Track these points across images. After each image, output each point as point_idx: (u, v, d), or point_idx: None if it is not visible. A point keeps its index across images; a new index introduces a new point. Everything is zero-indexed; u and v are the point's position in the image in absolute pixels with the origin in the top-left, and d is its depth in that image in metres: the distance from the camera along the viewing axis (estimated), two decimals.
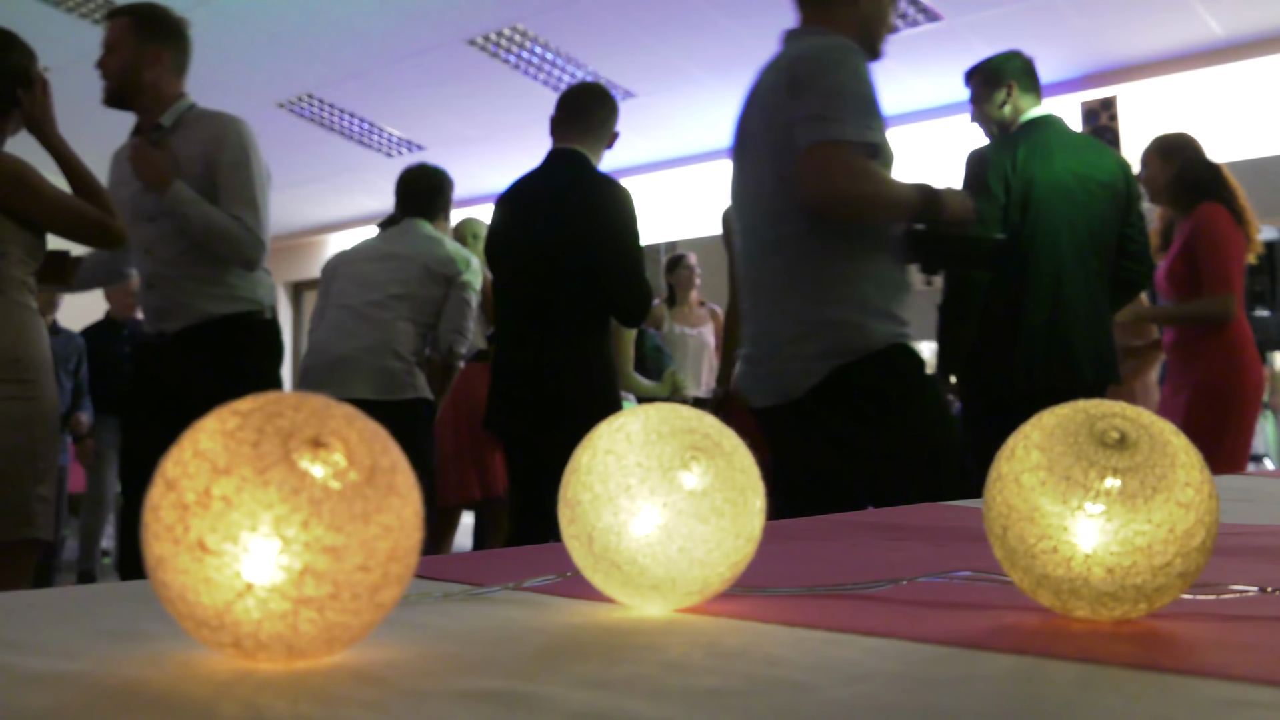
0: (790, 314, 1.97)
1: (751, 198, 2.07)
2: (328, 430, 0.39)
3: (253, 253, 2.46)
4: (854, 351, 1.91)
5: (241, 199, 2.44)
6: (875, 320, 1.93)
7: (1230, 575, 0.61)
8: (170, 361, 2.49)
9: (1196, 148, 3.30)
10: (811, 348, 1.93)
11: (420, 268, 3.16)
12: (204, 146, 2.47)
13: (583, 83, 2.99)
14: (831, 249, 1.95)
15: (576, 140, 2.85)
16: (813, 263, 1.95)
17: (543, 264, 2.74)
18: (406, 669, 0.39)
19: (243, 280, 2.52)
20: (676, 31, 5.56)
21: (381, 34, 5.69)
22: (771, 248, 2.01)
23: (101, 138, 6.94)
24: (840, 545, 0.82)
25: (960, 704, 0.35)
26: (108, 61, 2.53)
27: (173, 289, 2.49)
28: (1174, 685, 0.37)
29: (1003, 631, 0.47)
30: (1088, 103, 5.84)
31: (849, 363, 1.91)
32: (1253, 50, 5.51)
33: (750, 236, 2.09)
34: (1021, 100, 2.84)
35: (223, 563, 0.37)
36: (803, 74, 1.92)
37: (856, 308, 1.92)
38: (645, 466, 0.48)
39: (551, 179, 2.83)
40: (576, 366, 2.71)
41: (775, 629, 0.47)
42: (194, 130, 2.51)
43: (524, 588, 0.59)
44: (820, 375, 1.92)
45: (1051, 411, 0.49)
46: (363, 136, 7.27)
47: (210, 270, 2.48)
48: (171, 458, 0.39)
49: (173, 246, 2.48)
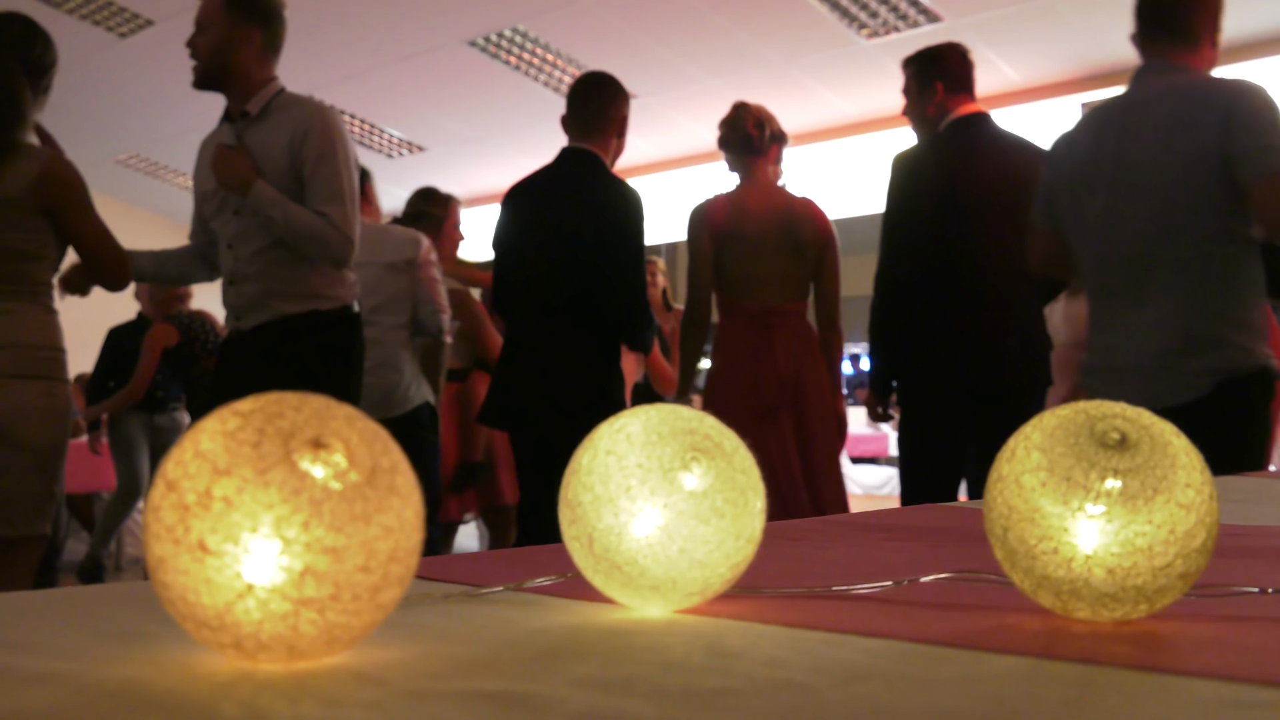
0: (1179, 329, 2.09)
1: (1128, 219, 2.18)
2: (328, 431, 0.39)
3: (340, 251, 2.37)
4: (1237, 370, 2.05)
5: (328, 193, 2.35)
6: (1256, 342, 2.07)
7: (1231, 576, 0.61)
8: (248, 359, 2.44)
9: None
10: (1199, 363, 2.06)
11: (379, 269, 3.11)
12: (290, 137, 2.38)
13: (587, 74, 2.95)
14: (1234, 271, 2.09)
15: (584, 136, 2.82)
16: (1213, 283, 2.08)
17: (550, 265, 2.72)
18: (407, 670, 0.39)
19: (325, 277, 2.45)
20: (677, 33, 5.56)
21: (381, 35, 5.69)
22: (1163, 267, 2.12)
23: (103, 139, 6.92)
24: (841, 546, 0.82)
25: (961, 705, 0.35)
26: (198, 41, 2.42)
27: (251, 285, 2.43)
28: (1175, 686, 0.37)
29: (1003, 632, 0.47)
30: (1088, 104, 5.84)
31: (1229, 380, 2.04)
32: (1253, 51, 5.51)
33: (1120, 254, 2.20)
34: (950, 100, 2.80)
35: (223, 563, 0.37)
36: (1245, 111, 2.05)
37: (1245, 329, 2.07)
38: (646, 467, 0.48)
39: (562, 178, 2.80)
40: (584, 369, 2.70)
41: (776, 630, 0.47)
42: (281, 118, 2.42)
43: (524, 589, 0.59)
44: (1205, 390, 2.04)
45: (1053, 412, 0.49)
46: (363, 138, 7.27)
47: (291, 269, 2.41)
48: (172, 458, 0.39)
49: (254, 242, 2.42)
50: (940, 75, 2.82)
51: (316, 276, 2.44)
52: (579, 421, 2.88)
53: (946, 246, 2.64)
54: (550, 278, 2.72)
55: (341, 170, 2.38)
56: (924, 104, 2.82)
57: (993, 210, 2.64)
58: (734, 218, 2.93)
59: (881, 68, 5.86)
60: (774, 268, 2.90)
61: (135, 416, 5.00)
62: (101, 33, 5.56)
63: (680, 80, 6.19)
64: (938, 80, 2.81)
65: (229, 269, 2.49)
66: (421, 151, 7.43)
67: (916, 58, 2.90)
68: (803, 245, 2.92)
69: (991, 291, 2.63)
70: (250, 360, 2.44)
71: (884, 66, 5.87)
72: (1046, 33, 5.39)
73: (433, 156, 7.46)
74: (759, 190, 2.99)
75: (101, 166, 7.71)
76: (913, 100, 2.88)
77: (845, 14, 5.24)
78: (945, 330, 2.63)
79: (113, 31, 5.66)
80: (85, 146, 7.50)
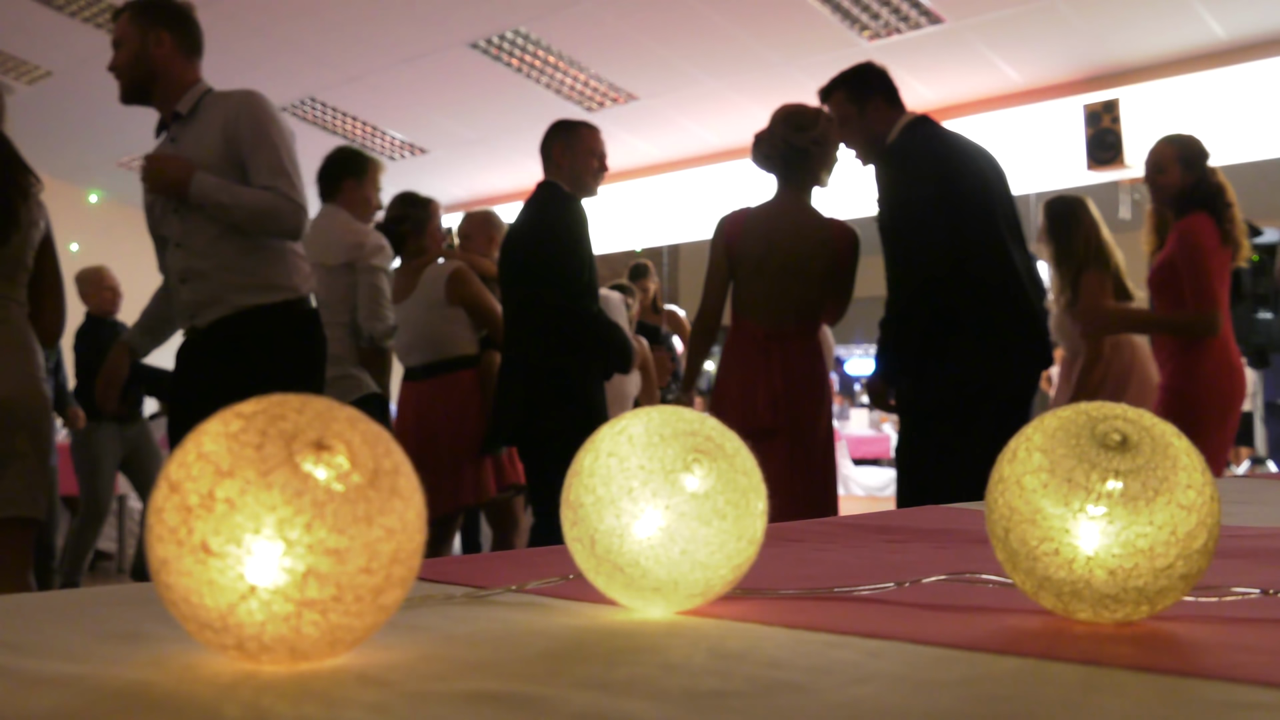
0: None
1: None
2: (331, 433, 0.39)
3: (294, 219, 2.38)
4: None
5: (270, 168, 2.37)
6: None
7: (1232, 577, 0.61)
8: (205, 357, 2.43)
9: (1208, 157, 3.28)
10: None
11: (317, 270, 3.05)
12: (223, 124, 2.40)
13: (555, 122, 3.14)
14: None
15: (547, 172, 3.05)
16: None
17: (511, 294, 3.02)
18: (409, 671, 0.39)
19: (279, 267, 2.44)
20: (678, 34, 5.56)
21: (383, 37, 5.69)
22: None
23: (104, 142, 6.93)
24: (842, 548, 0.82)
25: (962, 706, 0.35)
26: (117, 58, 2.47)
27: (205, 282, 2.42)
28: (1176, 687, 0.37)
29: (1005, 633, 0.47)
30: (1090, 105, 5.83)
31: None
32: (1255, 52, 5.51)
33: None
34: (891, 113, 2.76)
35: (226, 565, 0.37)
36: None
37: None
38: (647, 469, 0.48)
39: (523, 212, 3.05)
40: (557, 395, 2.88)
41: (777, 631, 0.47)
42: (212, 112, 2.44)
43: (526, 590, 0.59)
44: None
45: (1054, 414, 0.49)
46: (365, 140, 7.27)
47: (246, 259, 2.40)
48: (175, 460, 0.39)
49: (204, 234, 2.41)
50: (875, 90, 2.77)
51: (270, 267, 2.42)
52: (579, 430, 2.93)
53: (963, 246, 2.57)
54: (513, 306, 3.01)
55: (279, 144, 2.40)
56: (861, 123, 2.76)
57: (998, 207, 2.61)
58: (749, 237, 2.89)
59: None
60: (780, 289, 2.84)
61: (105, 428, 4.63)
62: (103, 35, 5.57)
63: (682, 82, 6.19)
64: (878, 94, 2.77)
65: (180, 268, 2.46)
66: (423, 154, 7.43)
67: (841, 82, 2.81)
68: (814, 268, 2.85)
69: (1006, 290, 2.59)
70: (211, 358, 2.43)
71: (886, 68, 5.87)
72: (1048, 34, 5.39)
73: (434, 159, 7.47)
74: (780, 208, 2.92)
75: (103, 169, 7.72)
76: (854, 123, 2.79)
77: (847, 15, 5.24)
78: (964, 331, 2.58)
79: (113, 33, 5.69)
80: (87, 150, 7.52)
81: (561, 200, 2.97)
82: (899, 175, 2.62)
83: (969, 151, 2.68)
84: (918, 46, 5.61)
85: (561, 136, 3.08)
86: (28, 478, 2.16)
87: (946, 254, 2.53)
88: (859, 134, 2.79)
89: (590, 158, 3.08)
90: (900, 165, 2.63)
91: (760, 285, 2.86)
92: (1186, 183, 3.20)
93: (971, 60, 5.78)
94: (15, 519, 2.14)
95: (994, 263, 2.57)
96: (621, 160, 7.44)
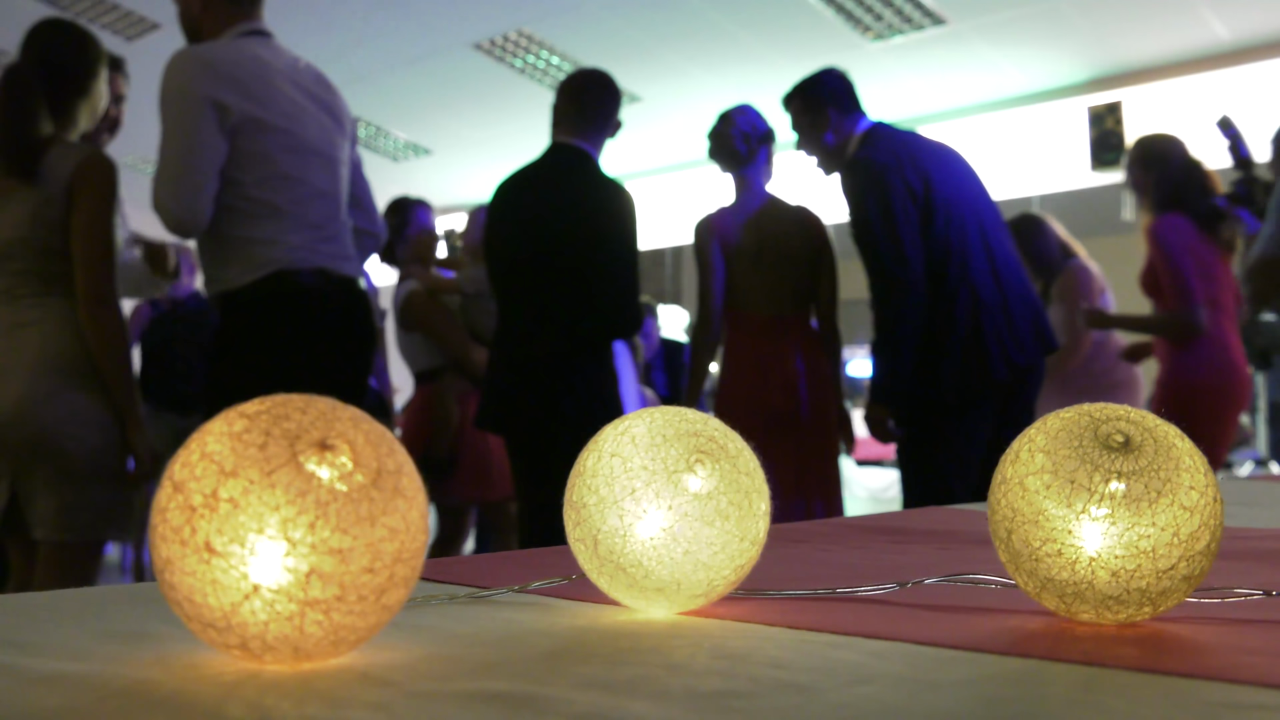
0: None
1: None
2: (334, 433, 0.39)
3: (165, 218, 2.16)
4: None
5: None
6: None
7: (1235, 579, 0.61)
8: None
9: (1177, 151, 3.25)
10: None
11: None
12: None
13: (583, 70, 2.88)
14: None
15: (578, 133, 2.77)
16: None
17: (540, 263, 2.67)
18: (413, 671, 0.39)
19: (212, 259, 2.27)
20: (682, 35, 5.56)
21: (387, 38, 5.70)
22: None
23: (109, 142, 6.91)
24: (845, 548, 0.82)
25: (965, 707, 0.35)
26: (180, 17, 2.55)
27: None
28: (1179, 688, 0.37)
29: (1007, 634, 0.47)
30: (1094, 107, 5.82)
31: None
32: (1258, 54, 5.51)
33: None
34: (845, 122, 2.75)
35: (229, 565, 0.37)
36: None
37: None
38: (650, 470, 0.49)
39: (555, 175, 2.75)
40: (574, 370, 2.65)
41: (780, 632, 0.47)
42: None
43: (529, 590, 0.59)
44: None
45: (1056, 415, 0.49)
46: (369, 141, 7.28)
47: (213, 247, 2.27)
48: (179, 460, 0.39)
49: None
50: (828, 99, 2.76)
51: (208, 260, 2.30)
52: (573, 423, 2.81)
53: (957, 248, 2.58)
54: (542, 279, 2.67)
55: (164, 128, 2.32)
56: (820, 133, 2.75)
57: (970, 211, 2.62)
58: (737, 230, 2.95)
59: (885, 71, 5.86)
60: (778, 277, 2.92)
61: (163, 419, 4.19)
62: (108, 35, 5.57)
63: (685, 84, 6.20)
64: (828, 106, 2.75)
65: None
66: (427, 154, 7.44)
67: (797, 91, 2.82)
68: (802, 254, 2.93)
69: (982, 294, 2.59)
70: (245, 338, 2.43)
71: (888, 70, 5.87)
72: (1051, 36, 5.39)
73: (438, 159, 7.47)
74: (757, 200, 3.01)
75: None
76: (806, 134, 2.80)
77: (850, 17, 5.24)
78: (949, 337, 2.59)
79: (119, 34, 5.68)
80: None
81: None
82: (865, 187, 2.60)
83: (933, 153, 2.67)
84: (921, 48, 5.61)
85: None
86: (60, 499, 1.99)
87: (922, 262, 2.55)
88: (815, 144, 2.81)
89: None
90: (865, 176, 2.61)
91: (758, 277, 2.92)
92: (1147, 182, 3.21)
93: (974, 62, 5.78)
94: (57, 542, 2.00)
95: (969, 263, 2.58)
96: (624, 161, 7.45)
